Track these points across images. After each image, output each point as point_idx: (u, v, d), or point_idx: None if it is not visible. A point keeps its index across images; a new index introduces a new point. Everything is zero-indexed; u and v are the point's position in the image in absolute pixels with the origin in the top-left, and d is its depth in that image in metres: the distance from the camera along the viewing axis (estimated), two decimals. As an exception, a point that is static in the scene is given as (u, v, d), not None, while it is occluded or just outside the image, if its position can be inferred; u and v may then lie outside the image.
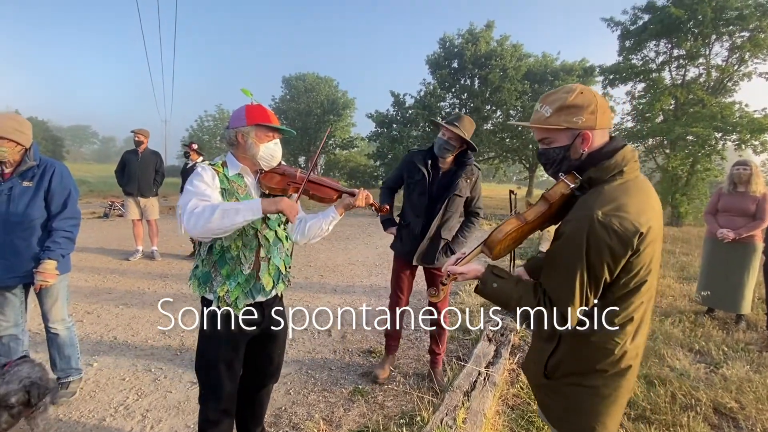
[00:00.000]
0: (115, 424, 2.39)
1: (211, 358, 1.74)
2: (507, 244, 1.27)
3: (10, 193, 2.30)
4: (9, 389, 1.79)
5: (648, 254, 1.12)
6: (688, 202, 14.36)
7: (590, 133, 1.17)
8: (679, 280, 5.82)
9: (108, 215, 11.01)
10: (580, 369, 1.22)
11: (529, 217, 1.25)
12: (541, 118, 1.21)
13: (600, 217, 1.06)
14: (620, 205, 1.08)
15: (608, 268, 1.09)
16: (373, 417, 2.50)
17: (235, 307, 1.69)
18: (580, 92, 1.17)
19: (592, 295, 1.12)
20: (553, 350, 1.27)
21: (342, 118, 34.88)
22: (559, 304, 1.14)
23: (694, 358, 3.38)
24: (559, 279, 1.15)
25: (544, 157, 1.27)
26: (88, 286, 4.92)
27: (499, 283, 1.25)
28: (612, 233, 1.06)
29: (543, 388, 1.34)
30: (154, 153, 6.34)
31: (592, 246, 1.07)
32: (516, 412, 2.53)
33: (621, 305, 1.15)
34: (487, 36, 23.28)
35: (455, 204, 2.74)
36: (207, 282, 1.70)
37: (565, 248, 1.14)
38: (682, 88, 15.35)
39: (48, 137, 42.37)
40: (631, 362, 1.22)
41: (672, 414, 2.51)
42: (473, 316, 4.10)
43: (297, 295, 4.84)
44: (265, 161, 1.71)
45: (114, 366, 3.05)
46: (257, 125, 1.66)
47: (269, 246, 1.75)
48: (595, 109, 1.17)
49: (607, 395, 1.21)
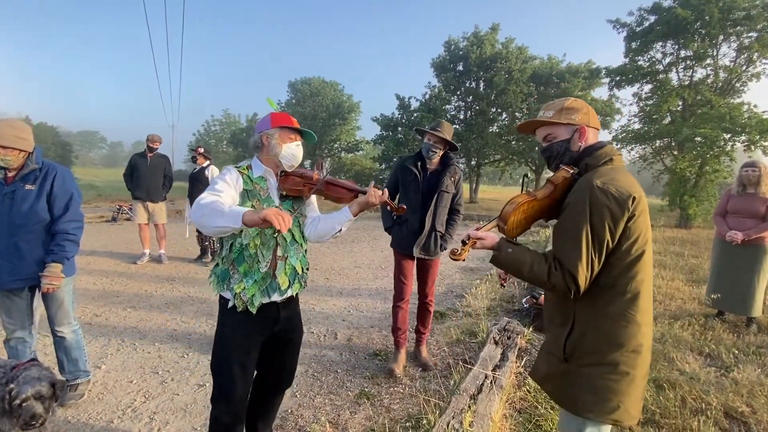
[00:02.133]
0: (122, 426, 2.40)
1: (225, 358, 1.77)
2: (519, 217, 1.38)
3: (14, 197, 2.32)
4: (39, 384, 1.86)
5: (642, 222, 1.28)
6: (697, 204, 14.17)
7: (586, 128, 1.42)
8: (689, 283, 5.75)
9: (116, 219, 11.11)
10: (599, 345, 1.30)
11: (538, 195, 1.39)
12: (545, 118, 1.45)
13: (599, 184, 1.26)
14: (614, 178, 1.29)
15: (609, 230, 1.25)
16: (379, 420, 2.49)
17: (251, 304, 1.72)
18: (573, 100, 1.45)
19: (596, 258, 1.26)
20: (569, 332, 1.36)
21: (347, 121, 34.95)
22: (568, 265, 1.27)
23: (705, 362, 3.33)
24: (567, 242, 1.29)
25: (548, 151, 1.48)
26: (96, 289, 4.96)
27: (513, 249, 1.37)
28: (610, 196, 1.24)
29: (561, 376, 1.39)
30: (162, 157, 6.38)
31: (594, 208, 1.24)
32: (523, 416, 2.51)
33: (627, 275, 1.28)
34: (492, 39, 23.29)
35: (444, 199, 3.09)
36: (225, 279, 1.74)
37: (570, 214, 1.31)
38: (690, 89, 15.20)
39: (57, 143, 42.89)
40: (644, 341, 1.31)
41: (682, 418, 2.48)
42: (480, 320, 4.08)
43: (303, 298, 4.84)
44: (287, 161, 1.80)
45: (122, 368, 3.07)
46: (281, 127, 1.78)
47: (286, 246, 1.79)
48: (587, 112, 1.44)
49: (625, 373, 1.29)
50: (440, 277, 6.17)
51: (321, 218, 1.90)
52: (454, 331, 3.88)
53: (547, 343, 1.51)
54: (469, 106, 24.13)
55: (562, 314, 1.40)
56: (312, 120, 33.72)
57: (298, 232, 1.86)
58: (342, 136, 34.50)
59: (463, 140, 22.96)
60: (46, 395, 1.87)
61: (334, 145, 34.44)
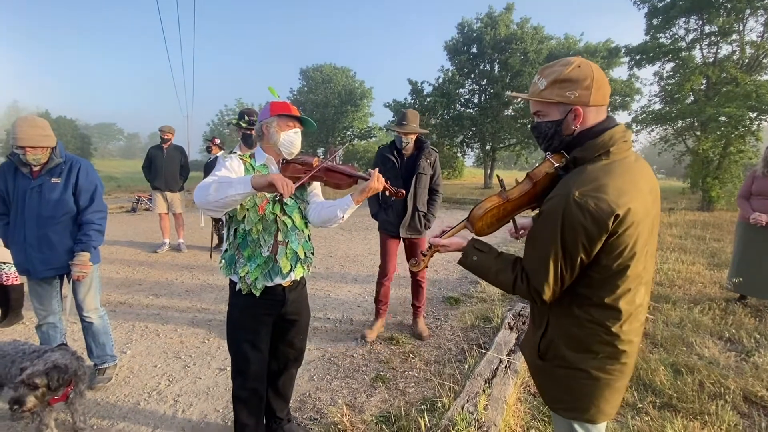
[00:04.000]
0: (149, 408, 2.51)
1: (236, 338, 1.89)
2: (489, 221, 1.30)
3: (41, 190, 2.41)
4: (34, 371, 1.88)
5: (629, 236, 1.09)
6: (720, 185, 13.72)
7: (582, 109, 1.15)
8: (710, 267, 5.63)
9: (135, 209, 11.37)
10: (570, 350, 1.22)
11: (512, 195, 1.26)
12: (536, 91, 1.21)
13: (576, 197, 1.06)
14: (599, 186, 1.07)
15: (584, 249, 1.09)
16: (395, 403, 2.54)
17: (254, 287, 1.80)
18: (577, 65, 1.15)
19: (567, 274, 1.14)
20: (543, 333, 1.29)
21: (359, 108, 34.75)
22: (534, 280, 1.17)
23: (724, 346, 3.28)
24: (535, 256, 1.18)
25: (537, 130, 1.26)
26: (119, 277, 5.12)
27: (479, 257, 1.31)
28: (586, 213, 1.06)
29: (538, 370, 1.36)
30: (178, 148, 6.51)
31: (566, 225, 1.08)
32: (538, 400, 2.52)
33: (606, 287, 1.14)
34: (506, 19, 22.68)
35: (422, 181, 3.33)
36: (232, 264, 1.84)
37: (542, 226, 1.16)
38: (714, 67, 14.60)
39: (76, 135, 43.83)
40: (625, 347, 1.19)
41: (700, 402, 2.46)
42: (494, 305, 4.08)
43: (318, 284, 4.92)
44: (285, 148, 1.84)
45: (146, 353, 3.19)
46: (279, 116, 1.82)
47: (287, 231, 1.85)
48: (591, 84, 1.14)
49: (598, 378, 1.20)
50: (454, 263, 6.16)
51: (324, 204, 1.93)
52: (468, 316, 3.90)
53: (527, 332, 1.46)
54: (483, 89, 23.68)
55: (539, 314, 1.33)
56: (324, 107, 33.63)
57: (299, 218, 1.90)
58: (354, 123, 34.37)
59: (477, 124, 22.62)
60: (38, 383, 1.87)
61: (347, 132, 34.34)
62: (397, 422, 2.32)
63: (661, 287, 4.71)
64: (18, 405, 1.83)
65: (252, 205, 1.78)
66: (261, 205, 1.79)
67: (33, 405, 1.87)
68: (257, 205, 1.78)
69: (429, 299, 4.53)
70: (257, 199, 1.78)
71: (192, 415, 2.44)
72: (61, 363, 1.97)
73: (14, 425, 2.29)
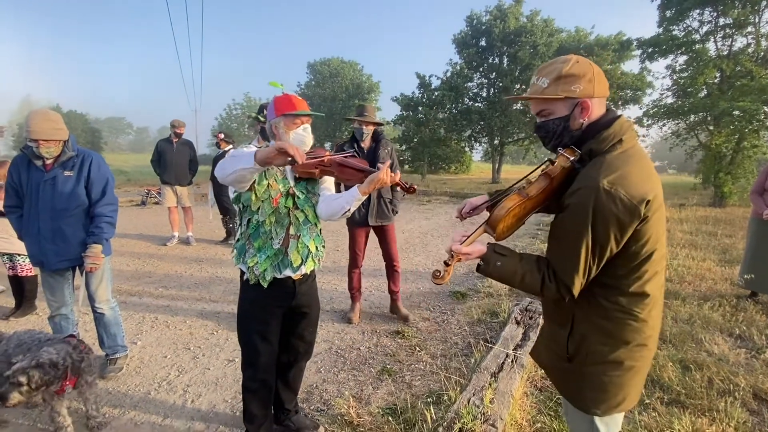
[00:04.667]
0: (159, 398, 2.55)
1: (246, 329, 1.90)
2: (510, 222, 1.24)
3: (54, 183, 2.45)
4: (17, 368, 1.85)
5: (657, 220, 1.12)
6: (733, 181, 13.48)
7: (589, 102, 1.16)
8: (721, 263, 5.56)
9: (145, 203, 11.50)
10: (603, 345, 1.21)
11: (531, 192, 1.22)
12: (538, 90, 1.20)
13: (606, 186, 1.06)
14: (625, 174, 1.08)
15: (615, 238, 1.09)
16: (401, 395, 2.56)
17: (263, 278, 1.80)
18: (576, 61, 1.17)
19: (595, 265, 1.13)
20: (569, 333, 1.26)
21: (367, 102, 34.69)
22: (563, 275, 1.15)
23: (734, 343, 3.25)
24: (564, 250, 1.15)
25: (543, 129, 1.25)
26: (129, 270, 5.20)
27: (502, 261, 1.23)
28: (619, 202, 1.05)
29: (565, 373, 1.33)
30: (187, 142, 6.56)
31: (598, 216, 1.07)
32: (544, 394, 2.52)
33: (633, 274, 1.15)
34: (516, 11, 22.41)
35: None
36: (242, 254, 1.85)
37: (570, 219, 1.13)
38: (729, 60, 14.29)
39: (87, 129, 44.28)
40: (651, 332, 1.22)
41: (708, 399, 2.44)
42: (501, 300, 4.08)
43: (326, 278, 4.95)
44: None
45: (156, 344, 3.24)
46: (284, 115, 1.79)
47: (299, 225, 1.85)
48: (593, 78, 1.16)
49: (629, 368, 1.22)
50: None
51: (331, 197, 1.92)
52: (475, 310, 3.90)
53: (546, 337, 1.42)
54: (492, 83, 23.47)
55: (561, 313, 1.29)
56: (332, 101, 33.61)
57: (312, 212, 1.90)
58: (362, 117, 34.28)
59: (485, 119, 22.46)
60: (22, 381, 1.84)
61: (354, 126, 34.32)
62: (403, 414, 2.34)
63: (671, 283, 4.66)
64: (1, 401, 1.82)
65: (267, 197, 1.78)
66: (275, 197, 1.79)
67: (17, 401, 1.84)
68: (272, 197, 1.78)
69: (435, 294, 4.54)
70: (272, 191, 1.78)
71: (201, 405, 2.48)
72: (47, 360, 1.92)
73: (29, 412, 2.34)
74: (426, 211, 11.39)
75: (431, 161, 26.80)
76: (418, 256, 6.25)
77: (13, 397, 1.84)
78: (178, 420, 2.35)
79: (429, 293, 4.57)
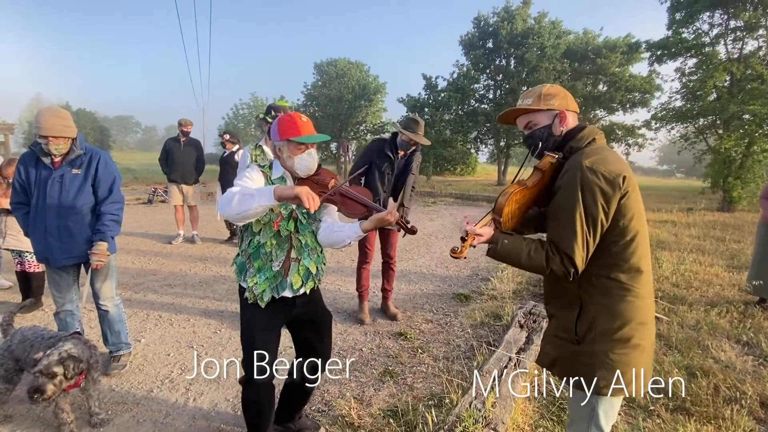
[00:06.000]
0: (161, 396, 2.56)
1: (248, 344, 1.85)
2: (513, 208, 1.38)
3: (62, 181, 2.47)
4: (51, 360, 1.94)
5: (635, 199, 1.30)
6: (742, 186, 13.32)
7: (566, 112, 1.43)
8: (729, 269, 5.49)
9: (151, 201, 11.58)
10: (610, 322, 1.32)
11: (528, 183, 1.39)
12: (524, 106, 1.46)
13: (588, 164, 1.27)
14: (602, 157, 1.30)
15: (603, 209, 1.26)
16: (403, 397, 2.55)
17: (261, 299, 1.79)
18: (550, 86, 1.46)
19: (591, 237, 1.28)
20: (578, 314, 1.37)
21: (373, 103, 34.64)
22: (564, 247, 1.28)
23: (742, 350, 3.21)
24: (561, 224, 1.31)
25: (531, 138, 1.49)
26: (134, 267, 5.23)
27: (509, 240, 1.37)
28: (600, 175, 1.25)
29: (573, 357, 1.39)
30: (194, 142, 6.59)
31: (585, 189, 1.26)
32: (547, 399, 2.50)
33: (627, 251, 1.30)
34: (524, 13, 22.35)
35: (412, 180, 3.63)
36: (242, 271, 1.83)
37: (561, 197, 1.32)
38: (739, 63, 14.14)
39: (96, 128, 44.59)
40: (649, 311, 1.37)
41: (714, 407, 2.41)
42: (505, 303, 4.05)
43: (329, 278, 4.95)
44: (301, 171, 1.78)
45: (159, 342, 3.25)
46: (288, 140, 1.73)
47: (300, 248, 1.82)
48: (565, 96, 1.45)
49: (636, 345, 1.32)
50: (466, 260, 6.14)
51: (334, 227, 1.85)
52: (478, 313, 3.88)
53: (553, 327, 1.50)
54: (498, 84, 23.43)
55: (567, 296, 1.41)
56: (338, 102, 33.61)
57: (311, 237, 1.86)
58: (368, 118, 34.27)
59: (492, 120, 22.39)
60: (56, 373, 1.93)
61: (360, 127, 34.30)
62: (404, 417, 2.33)
63: (678, 288, 4.61)
64: (39, 393, 1.89)
65: (268, 220, 1.76)
66: (276, 221, 1.76)
67: (52, 393, 1.92)
68: (272, 221, 1.76)
69: (439, 296, 4.53)
70: (272, 214, 1.76)
71: (203, 404, 2.49)
72: (76, 353, 2.02)
73: (33, 408, 2.36)
74: (431, 212, 11.37)
75: (436, 162, 26.76)
76: (422, 257, 6.24)
77: (48, 389, 1.91)
78: (179, 418, 2.36)
79: (432, 295, 4.56)
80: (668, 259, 5.75)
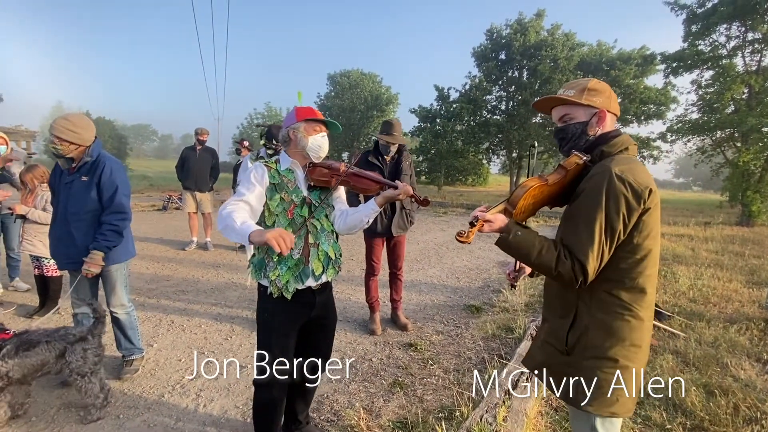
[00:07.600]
0: (172, 401, 2.58)
1: (267, 343, 1.87)
2: (528, 202, 1.33)
3: (71, 187, 2.53)
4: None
5: (655, 217, 1.25)
6: (762, 199, 13.01)
7: (606, 113, 1.35)
8: (748, 285, 5.35)
9: (166, 208, 11.76)
10: (601, 339, 1.28)
11: (549, 179, 1.33)
12: (564, 96, 1.37)
13: (617, 172, 1.21)
14: (632, 167, 1.24)
15: (623, 220, 1.21)
16: (413, 409, 2.52)
17: (286, 290, 1.80)
18: (596, 81, 1.38)
19: (607, 248, 1.23)
20: (571, 324, 1.32)
21: (385, 113, 34.90)
22: (578, 253, 1.23)
23: (762, 369, 3.10)
24: (579, 229, 1.25)
25: (563, 132, 1.41)
26: (149, 272, 5.31)
27: (522, 232, 1.30)
28: (628, 185, 1.20)
29: (561, 367, 1.36)
30: (209, 150, 6.72)
31: (610, 196, 1.20)
32: (560, 414, 2.45)
33: (635, 269, 1.25)
34: (537, 25, 22.35)
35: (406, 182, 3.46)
36: (261, 268, 1.84)
37: (584, 201, 1.26)
38: (757, 75, 13.91)
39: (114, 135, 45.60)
40: (645, 335, 1.30)
41: (734, 426, 2.33)
42: (517, 315, 4.00)
43: (339, 287, 4.95)
44: (314, 152, 1.86)
45: (171, 347, 3.28)
46: (306, 120, 1.85)
47: (317, 233, 1.86)
48: (610, 95, 1.37)
49: (624, 366, 1.27)
50: (477, 271, 6.10)
51: (349, 211, 1.94)
52: (490, 325, 3.84)
53: (545, 332, 1.46)
54: (511, 96, 23.38)
55: (564, 305, 1.36)
56: (350, 112, 33.96)
57: (327, 221, 1.92)
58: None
59: (504, 131, 22.34)
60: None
61: (372, 137, 34.53)
62: (414, 429, 2.30)
63: (695, 304, 4.50)
64: None
65: (281, 210, 1.80)
66: (289, 209, 1.80)
67: None
68: (286, 210, 1.80)
69: (450, 307, 4.49)
70: (285, 204, 1.81)
71: (213, 410, 2.50)
72: None
73: (45, 407, 2.39)
74: (442, 222, 11.33)
75: (448, 173, 26.74)
76: (433, 267, 6.21)
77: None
78: (190, 424, 2.37)
79: (443, 306, 4.52)
80: (685, 274, 5.63)
